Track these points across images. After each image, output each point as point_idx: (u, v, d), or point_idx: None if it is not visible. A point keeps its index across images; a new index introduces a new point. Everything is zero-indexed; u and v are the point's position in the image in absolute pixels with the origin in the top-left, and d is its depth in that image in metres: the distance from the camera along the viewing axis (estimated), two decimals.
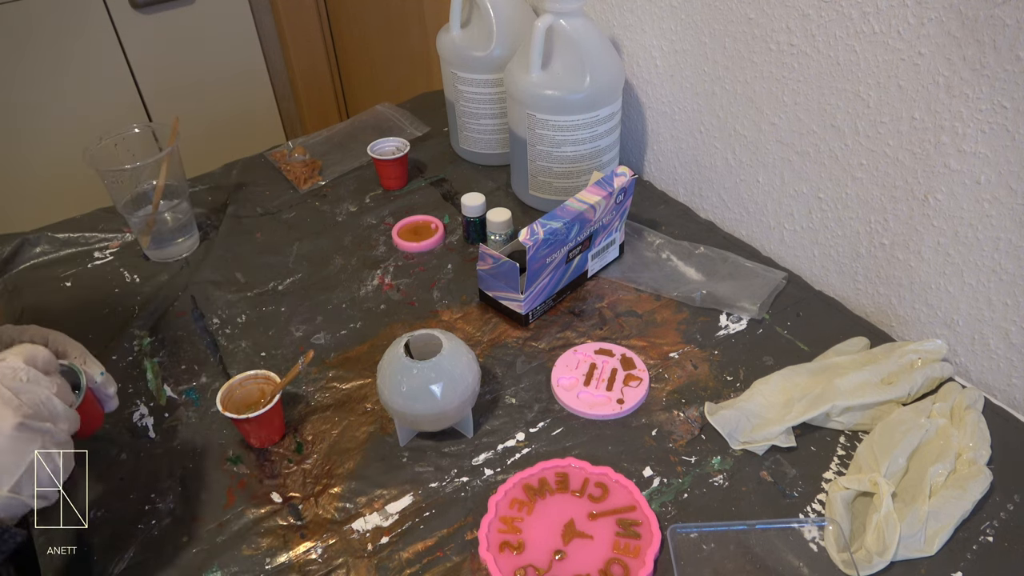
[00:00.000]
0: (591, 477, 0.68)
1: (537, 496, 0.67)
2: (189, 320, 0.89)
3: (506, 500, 0.66)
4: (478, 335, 0.86)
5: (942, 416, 0.70)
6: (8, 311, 0.93)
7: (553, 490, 0.67)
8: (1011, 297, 0.73)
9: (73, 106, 1.75)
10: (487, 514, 0.65)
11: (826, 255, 0.91)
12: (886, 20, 0.73)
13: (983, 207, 0.72)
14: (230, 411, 0.71)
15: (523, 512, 0.66)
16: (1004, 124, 0.67)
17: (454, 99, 1.11)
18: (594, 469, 0.69)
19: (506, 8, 1.04)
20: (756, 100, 0.90)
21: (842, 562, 0.61)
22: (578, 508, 0.66)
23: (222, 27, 1.88)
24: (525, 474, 0.68)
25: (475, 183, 1.11)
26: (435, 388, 0.67)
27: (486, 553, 0.62)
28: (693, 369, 0.80)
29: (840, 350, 0.80)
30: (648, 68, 1.04)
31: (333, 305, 0.91)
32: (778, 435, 0.70)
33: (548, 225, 0.80)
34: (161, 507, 0.69)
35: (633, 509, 0.65)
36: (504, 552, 0.62)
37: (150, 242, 0.97)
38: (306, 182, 1.12)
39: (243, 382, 0.74)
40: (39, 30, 1.64)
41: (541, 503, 0.66)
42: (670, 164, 1.08)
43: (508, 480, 0.68)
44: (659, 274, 0.92)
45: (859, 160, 0.81)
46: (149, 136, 0.98)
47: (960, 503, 0.64)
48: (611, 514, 0.65)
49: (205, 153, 1.49)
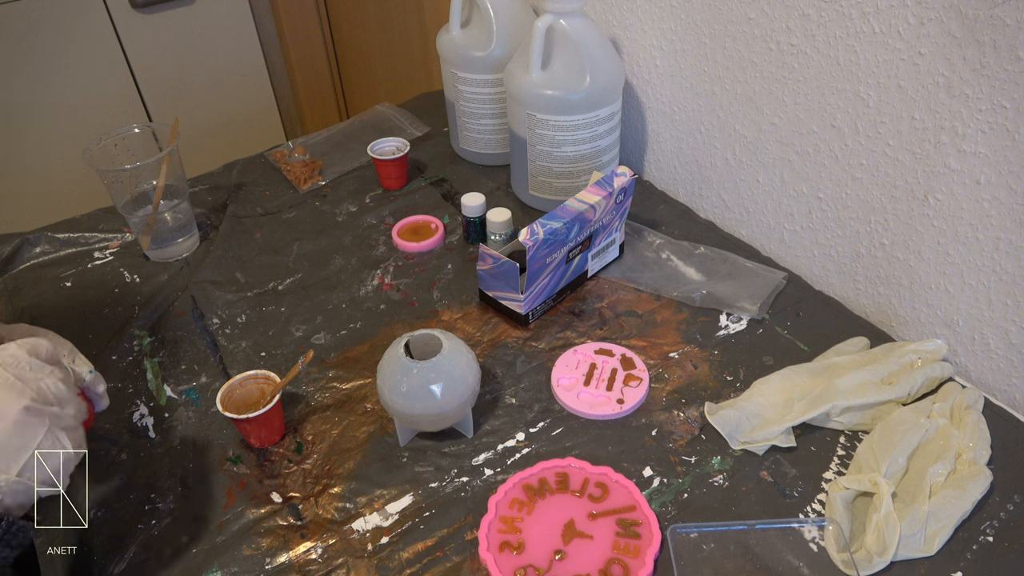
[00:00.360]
0: (591, 477, 0.68)
1: (537, 496, 0.67)
2: (189, 320, 0.89)
3: (506, 500, 0.66)
4: (478, 335, 0.86)
5: (942, 416, 0.70)
6: (8, 311, 0.93)
7: (553, 490, 0.67)
8: (1011, 297, 0.73)
9: (73, 106, 1.75)
10: (487, 514, 0.65)
11: (826, 255, 0.91)
12: (886, 20, 0.73)
13: (983, 207, 0.72)
14: (230, 411, 0.71)
15: (523, 512, 0.66)
16: (1004, 124, 0.67)
17: (454, 99, 1.11)
18: (594, 469, 0.69)
19: (506, 8, 1.04)
20: (756, 100, 0.90)
21: (842, 562, 0.61)
22: (578, 508, 0.66)
23: (222, 27, 1.88)
24: (525, 474, 0.68)
25: (475, 183, 1.11)
26: (435, 388, 0.67)
27: (486, 553, 0.62)
28: (693, 369, 0.80)
29: (840, 350, 0.80)
30: (648, 68, 1.04)
31: (333, 305, 0.91)
32: (778, 435, 0.70)
33: (548, 225, 0.80)
34: (161, 507, 0.69)
35: (633, 509, 0.65)
36: (504, 552, 0.62)
37: (150, 242, 0.97)
38: (306, 182, 1.12)
39: (243, 382, 0.74)
40: (39, 30, 1.64)
41: (541, 503, 0.66)
42: (670, 164, 1.08)
43: (508, 480, 0.68)
44: (659, 274, 0.92)
45: (859, 160, 0.81)
46: (149, 136, 0.98)
47: (960, 503, 0.64)
48: (611, 514, 0.65)
49: (205, 153, 1.49)
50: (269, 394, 0.73)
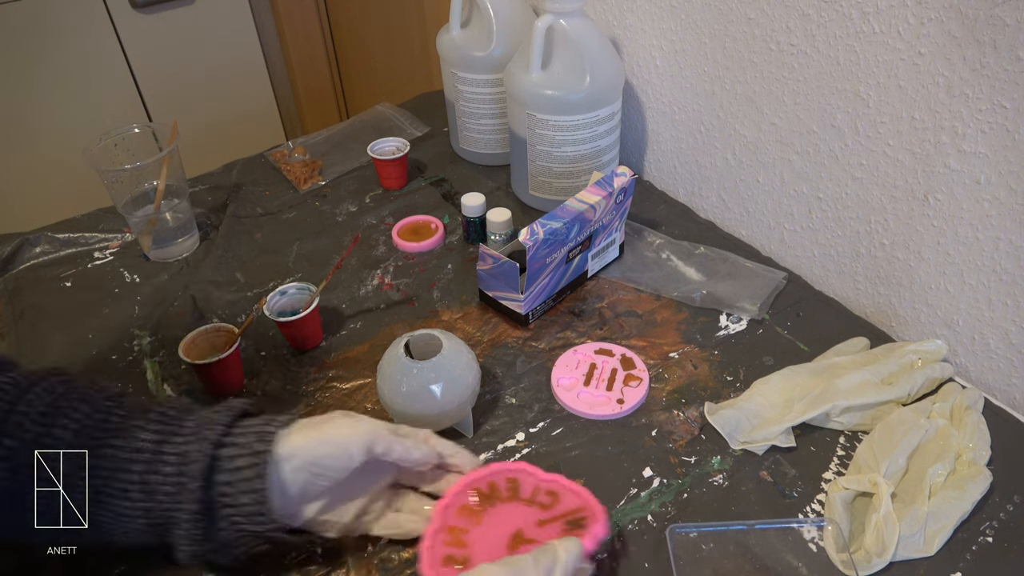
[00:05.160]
0: (542, 485, 0.64)
1: (487, 504, 0.62)
2: (189, 320, 0.89)
3: (454, 507, 0.62)
4: (478, 335, 0.86)
5: (942, 416, 0.70)
6: (8, 311, 0.93)
7: (504, 497, 0.63)
8: (1011, 297, 0.73)
9: (73, 106, 1.75)
10: (432, 523, 0.60)
11: (826, 255, 0.91)
12: (886, 20, 0.73)
13: (983, 207, 0.72)
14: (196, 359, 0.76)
15: (471, 523, 0.61)
16: (1004, 124, 0.67)
17: (454, 99, 1.11)
18: (545, 476, 0.64)
19: (506, 8, 1.04)
20: (756, 100, 0.90)
21: (841, 562, 0.61)
22: (528, 516, 0.61)
23: (222, 27, 1.88)
24: (472, 478, 0.63)
25: (475, 183, 1.11)
26: (435, 388, 0.68)
27: (429, 571, 0.57)
28: (693, 369, 0.80)
29: (840, 350, 0.80)
30: (648, 68, 1.04)
31: (333, 305, 0.91)
32: (778, 435, 0.70)
33: (548, 225, 0.80)
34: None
35: (583, 509, 0.61)
36: (448, 567, 0.57)
37: (151, 242, 0.97)
38: (306, 182, 1.12)
39: (203, 334, 0.79)
40: (39, 30, 1.64)
41: (491, 511, 0.61)
42: (670, 164, 1.08)
43: (458, 482, 0.63)
44: (659, 274, 0.92)
45: (859, 160, 0.81)
46: (149, 136, 0.98)
47: (960, 503, 0.64)
48: (560, 518, 0.61)
49: (205, 153, 1.49)
50: (229, 343, 0.78)
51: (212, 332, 0.79)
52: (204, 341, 0.79)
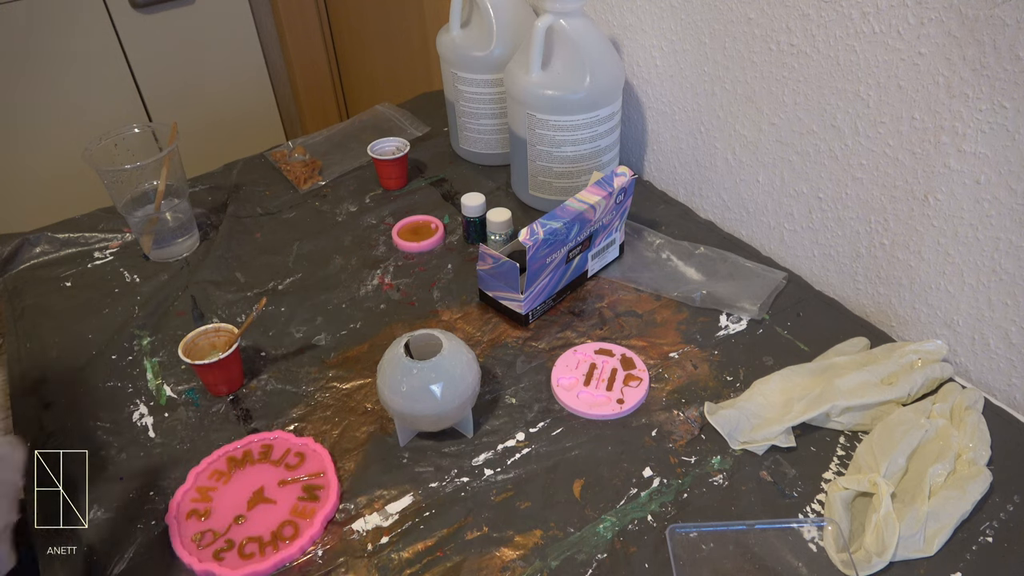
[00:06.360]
0: (293, 447, 0.72)
1: (236, 467, 0.70)
2: (189, 320, 0.89)
3: (207, 471, 0.70)
4: (478, 335, 0.86)
5: (942, 416, 0.70)
6: (8, 311, 0.93)
7: (255, 460, 0.71)
8: (1011, 297, 0.73)
9: (73, 106, 1.75)
10: (183, 484, 0.69)
11: (826, 255, 0.91)
12: (886, 20, 0.73)
13: (983, 207, 0.72)
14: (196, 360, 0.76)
15: (220, 482, 0.69)
16: (1004, 124, 0.67)
17: (454, 99, 1.11)
18: (298, 440, 0.72)
19: (506, 8, 1.04)
20: (756, 100, 0.90)
21: (841, 562, 0.61)
22: (271, 476, 0.70)
23: (222, 27, 1.88)
24: (232, 446, 0.72)
25: (475, 183, 1.11)
26: (435, 388, 0.68)
27: (171, 520, 0.66)
28: (693, 369, 0.80)
29: (840, 350, 0.80)
30: (648, 68, 1.04)
31: (333, 305, 0.91)
32: (778, 435, 0.70)
33: (548, 225, 0.80)
34: (161, 507, 0.69)
35: (320, 475, 0.69)
36: (191, 520, 0.66)
37: (151, 242, 0.97)
38: (306, 182, 1.12)
39: (202, 335, 0.79)
40: (39, 30, 1.64)
41: (239, 473, 0.70)
42: (670, 164, 1.08)
43: (214, 452, 0.71)
44: (659, 274, 0.92)
45: (859, 160, 0.81)
46: (149, 136, 0.98)
47: (959, 503, 0.64)
48: (299, 481, 0.69)
49: (205, 153, 1.49)
50: (228, 344, 0.78)
51: (212, 332, 0.79)
52: (204, 341, 0.79)
